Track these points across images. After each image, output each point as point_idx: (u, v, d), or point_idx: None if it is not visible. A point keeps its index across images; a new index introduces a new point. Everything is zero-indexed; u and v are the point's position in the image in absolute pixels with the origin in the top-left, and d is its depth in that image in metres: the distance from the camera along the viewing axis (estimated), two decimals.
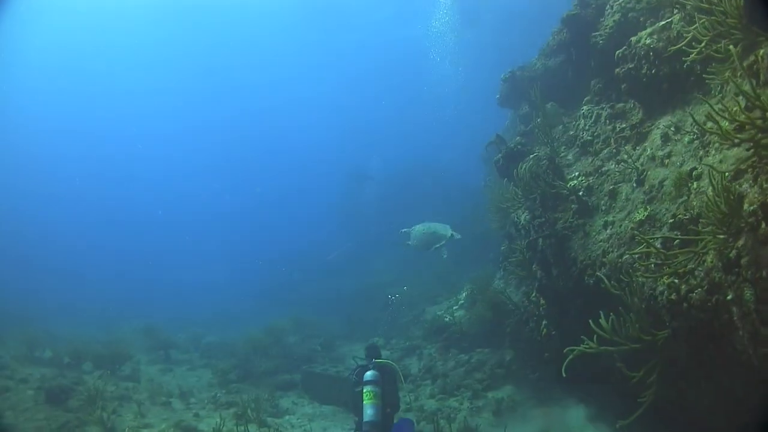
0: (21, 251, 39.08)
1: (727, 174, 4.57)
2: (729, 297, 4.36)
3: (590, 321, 5.40)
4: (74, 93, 50.95)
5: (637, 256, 5.64)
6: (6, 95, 46.10)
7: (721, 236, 4.39)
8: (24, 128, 50.09)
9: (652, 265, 5.34)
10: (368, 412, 7.45)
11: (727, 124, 4.36)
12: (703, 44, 5.29)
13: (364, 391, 7.62)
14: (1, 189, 46.92)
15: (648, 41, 6.88)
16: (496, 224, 13.42)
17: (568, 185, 7.35)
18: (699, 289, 4.72)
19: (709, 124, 5.45)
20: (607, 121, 7.86)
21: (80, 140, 53.94)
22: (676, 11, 6.74)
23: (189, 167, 56.43)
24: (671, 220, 5.33)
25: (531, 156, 8.56)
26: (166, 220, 51.93)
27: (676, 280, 4.97)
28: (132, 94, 52.78)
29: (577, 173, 7.61)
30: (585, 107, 8.57)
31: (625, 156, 6.86)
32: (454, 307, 14.65)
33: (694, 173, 5.38)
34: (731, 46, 4.54)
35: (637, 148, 6.85)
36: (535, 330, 9.16)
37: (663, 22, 6.86)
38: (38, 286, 28.69)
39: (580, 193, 7.19)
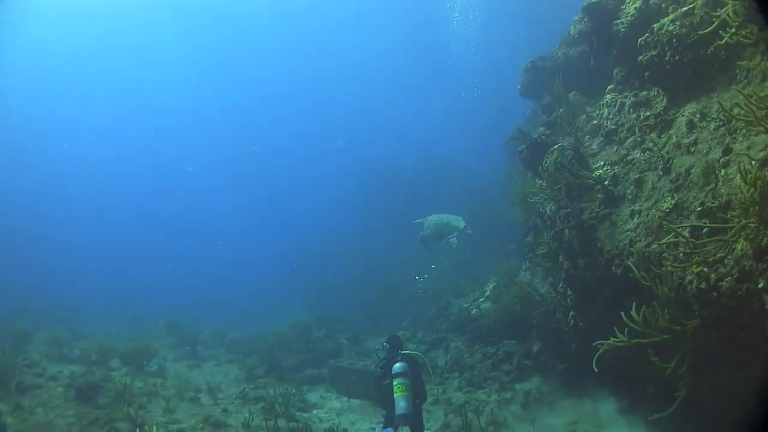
0: (43, 253, 39.70)
1: (754, 162, 4.52)
2: (760, 285, 4.32)
3: (621, 313, 5.35)
4: (79, 90, 51.18)
5: (665, 245, 5.60)
6: (14, 92, 46.73)
7: (752, 224, 4.35)
8: (34, 128, 50.71)
9: (681, 254, 5.30)
10: (401, 404, 7.36)
11: (755, 109, 4.32)
12: (733, 29, 5.22)
13: (395, 383, 7.54)
14: (20, 191, 47.74)
15: (671, 28, 6.80)
16: (521, 216, 13.36)
17: (594, 175, 7.30)
18: (729, 278, 4.68)
19: (736, 110, 5.44)
20: (631, 110, 7.79)
21: (96, 139, 54.48)
22: None
23: (200, 163, 56.85)
24: (699, 209, 5.28)
25: (555, 146, 8.52)
26: (180, 217, 52.55)
27: (706, 269, 4.93)
28: (139, 89, 53.02)
29: (602, 163, 7.55)
30: (608, 96, 8.49)
31: (651, 144, 6.79)
32: (480, 300, 14.61)
33: (721, 160, 5.33)
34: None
35: (662, 136, 6.79)
36: (562, 321, 9.12)
37: (686, 8, 6.77)
38: (60, 287, 29.06)
39: (606, 183, 7.14)
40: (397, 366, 7.77)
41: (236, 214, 52.75)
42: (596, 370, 5.53)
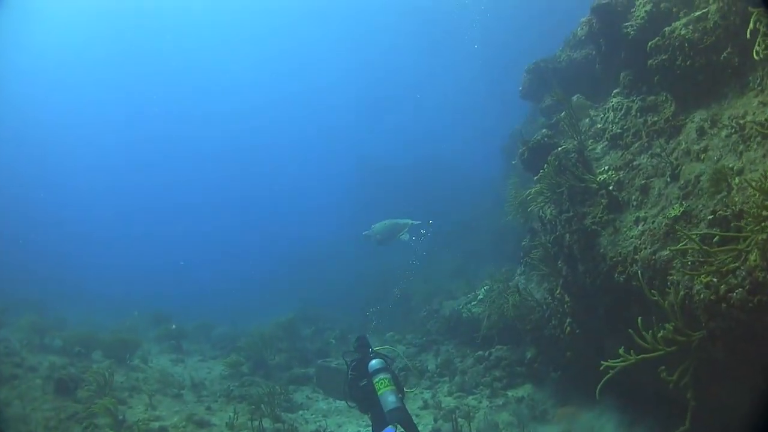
0: (35, 239, 39.34)
1: None
2: None
3: (630, 331, 5.14)
4: (75, 87, 50.94)
5: (672, 253, 5.43)
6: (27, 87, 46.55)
7: (767, 234, 4.19)
8: (32, 118, 50.47)
9: (689, 263, 5.13)
10: (390, 399, 7.05)
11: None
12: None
13: (378, 380, 7.25)
14: (16, 177, 47.40)
15: (683, 32, 6.64)
16: (518, 219, 13.20)
17: (598, 179, 7.12)
18: (740, 289, 4.51)
19: (749, 117, 5.29)
20: (638, 114, 7.62)
21: (91, 128, 54.27)
22: (712, 1, 6.48)
23: (198, 156, 56.75)
24: (710, 217, 5.11)
25: (559, 149, 8.35)
26: (175, 208, 52.42)
27: (715, 279, 4.75)
28: (143, 87, 52.90)
29: (606, 167, 7.38)
30: (614, 99, 8.33)
31: (658, 150, 6.62)
32: (473, 303, 14.42)
33: (734, 168, 5.16)
34: None
35: (671, 141, 6.62)
36: (558, 328, 8.95)
37: (699, 12, 6.61)
38: (50, 274, 28.73)
39: (610, 188, 6.97)
40: (374, 363, 7.50)
41: (232, 209, 52.70)
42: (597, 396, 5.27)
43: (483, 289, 14.58)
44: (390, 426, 7.12)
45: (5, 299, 17.35)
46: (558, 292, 8.66)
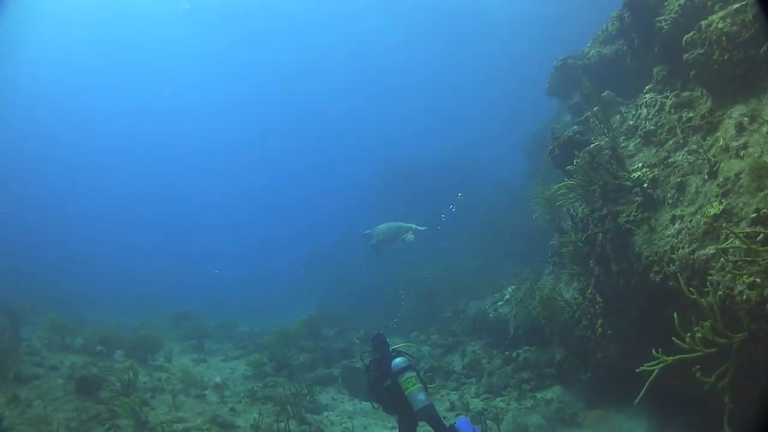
0: (58, 240, 39.87)
1: None
2: None
3: (674, 338, 4.97)
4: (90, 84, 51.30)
5: (712, 252, 5.27)
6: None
7: None
8: (52, 115, 51.09)
9: (730, 263, 4.96)
10: (419, 397, 6.99)
11: None
12: None
13: (404, 378, 7.15)
14: (35, 178, 48.16)
15: (721, 25, 6.46)
16: (544, 218, 13.04)
17: (632, 176, 6.95)
18: None
19: None
20: (672, 110, 7.43)
21: (110, 120, 54.77)
22: None
23: (219, 156, 57.12)
24: (753, 215, 4.94)
25: (591, 145, 8.18)
26: (195, 208, 52.85)
27: (759, 279, 4.59)
28: (159, 85, 53.19)
29: (640, 164, 7.20)
30: (647, 96, 8.14)
31: (695, 146, 6.45)
32: (499, 303, 14.26)
33: None
34: None
35: (708, 138, 6.43)
36: (588, 329, 8.77)
37: (737, 5, 6.42)
38: (73, 275, 28.94)
39: (645, 185, 6.79)
40: (398, 361, 7.38)
41: (252, 207, 52.96)
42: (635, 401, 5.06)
43: (509, 289, 14.41)
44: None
45: (28, 298, 17.51)
46: (589, 292, 8.49)
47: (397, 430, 9.48)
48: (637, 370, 5.32)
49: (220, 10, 44.58)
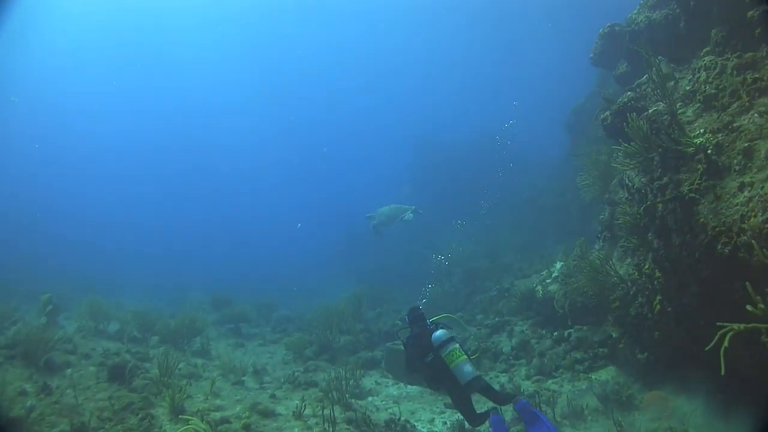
0: (87, 230, 40.53)
1: None
2: None
3: (747, 306, 4.60)
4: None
5: None
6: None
7: None
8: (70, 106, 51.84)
9: None
10: (466, 369, 6.90)
11: None
12: None
13: (449, 351, 7.05)
14: (64, 169, 48.98)
15: None
16: (591, 192, 12.61)
17: (695, 142, 6.53)
18: None
19: None
20: (735, 72, 6.95)
21: (138, 118, 55.51)
22: None
23: (255, 141, 57.39)
24: None
25: (650, 110, 7.74)
26: (229, 191, 53.22)
27: None
28: (195, 64, 53.55)
29: (701, 130, 6.77)
30: (706, 58, 7.65)
31: (763, 109, 6.01)
32: (547, 281, 13.86)
33: None
34: None
35: None
36: (645, 306, 8.38)
37: None
38: (107, 266, 29.27)
39: (709, 152, 6.37)
40: (439, 334, 7.25)
41: (286, 191, 53.16)
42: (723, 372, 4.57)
43: (558, 266, 14.02)
44: (496, 407, 6.90)
45: (66, 285, 17.66)
46: (647, 267, 8.09)
47: (449, 411, 9.32)
48: (706, 348, 4.90)
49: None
